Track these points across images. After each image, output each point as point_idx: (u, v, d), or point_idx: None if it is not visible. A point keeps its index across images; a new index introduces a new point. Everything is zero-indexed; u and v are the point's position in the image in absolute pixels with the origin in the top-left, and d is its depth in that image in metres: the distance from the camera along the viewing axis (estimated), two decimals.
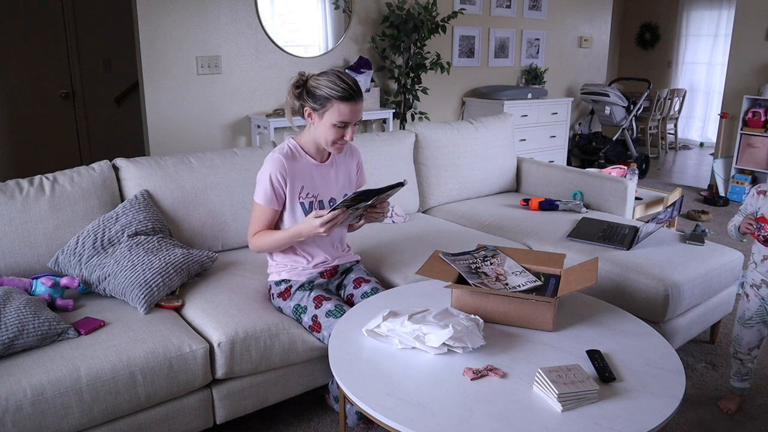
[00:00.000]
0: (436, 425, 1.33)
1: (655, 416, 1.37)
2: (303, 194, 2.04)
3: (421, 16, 4.60)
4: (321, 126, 1.94)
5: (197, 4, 3.93)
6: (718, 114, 5.68)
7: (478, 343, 1.62)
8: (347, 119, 1.91)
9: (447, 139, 3.29)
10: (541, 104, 5.62)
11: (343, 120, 1.91)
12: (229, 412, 1.95)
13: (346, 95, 1.88)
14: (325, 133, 1.94)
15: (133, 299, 1.96)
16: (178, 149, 3.98)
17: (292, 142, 2.06)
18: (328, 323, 1.93)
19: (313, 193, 2.06)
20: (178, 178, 2.41)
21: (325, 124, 1.93)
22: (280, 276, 2.10)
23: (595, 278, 1.75)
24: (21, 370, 1.63)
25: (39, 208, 2.11)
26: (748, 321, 2.21)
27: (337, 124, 1.91)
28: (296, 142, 2.06)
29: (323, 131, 1.95)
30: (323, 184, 2.08)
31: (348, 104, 1.89)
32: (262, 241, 2.02)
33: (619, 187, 3.21)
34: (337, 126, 1.92)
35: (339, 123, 1.91)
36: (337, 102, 1.88)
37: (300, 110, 1.98)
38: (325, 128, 1.94)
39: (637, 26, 8.54)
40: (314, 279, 2.11)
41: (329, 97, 1.89)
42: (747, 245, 4.12)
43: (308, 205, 2.05)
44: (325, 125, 1.93)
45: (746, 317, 2.22)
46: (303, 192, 2.04)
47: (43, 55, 4.55)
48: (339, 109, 1.89)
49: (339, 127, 1.92)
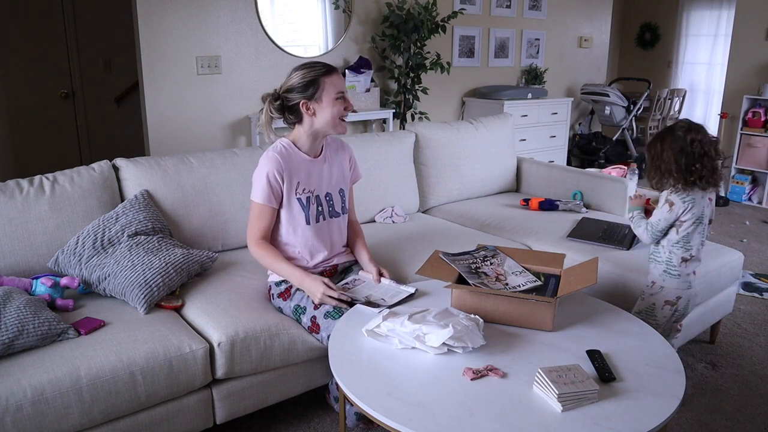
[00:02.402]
0: (436, 425, 1.33)
1: (655, 416, 1.37)
2: (299, 190, 2.06)
3: (421, 16, 4.60)
4: (325, 108, 1.99)
5: (197, 4, 3.93)
6: (718, 114, 5.68)
7: (478, 342, 1.62)
8: (341, 88, 2.01)
9: (447, 139, 3.29)
10: (541, 104, 5.61)
11: (339, 90, 1.99)
12: (229, 412, 1.95)
13: (327, 69, 2.01)
14: (332, 111, 2.00)
15: (133, 299, 1.96)
16: (178, 149, 3.98)
17: (284, 141, 2.08)
18: (326, 324, 1.93)
19: (309, 189, 2.08)
20: (178, 178, 2.41)
21: (327, 102, 1.98)
22: (280, 276, 2.10)
23: (595, 278, 1.75)
24: (21, 370, 1.63)
25: (39, 208, 2.11)
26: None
27: (337, 96, 1.99)
28: (288, 140, 2.08)
29: (329, 111, 1.99)
30: (318, 179, 2.11)
31: (333, 75, 2.00)
32: (264, 258, 2.05)
33: (619, 187, 3.21)
34: (338, 98, 1.99)
35: (338, 94, 1.99)
36: (325, 77, 1.98)
37: (286, 116, 2.05)
38: (329, 107, 1.99)
39: (637, 26, 8.54)
40: None
41: (316, 78, 1.97)
42: (746, 245, 4.13)
43: (305, 200, 2.06)
44: (328, 104, 1.99)
45: None
46: (299, 188, 2.06)
47: (43, 55, 4.55)
48: (331, 81, 1.99)
49: (340, 98, 2.00)
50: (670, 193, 2.06)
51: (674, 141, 2.01)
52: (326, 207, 2.13)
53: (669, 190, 2.07)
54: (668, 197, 2.06)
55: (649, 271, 2.21)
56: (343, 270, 2.22)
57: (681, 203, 2.04)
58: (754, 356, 2.69)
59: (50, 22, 4.54)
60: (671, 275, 2.13)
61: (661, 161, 2.03)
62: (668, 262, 2.13)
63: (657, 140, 2.07)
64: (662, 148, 2.04)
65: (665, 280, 2.14)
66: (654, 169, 2.07)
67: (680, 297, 2.14)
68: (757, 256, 3.95)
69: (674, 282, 2.13)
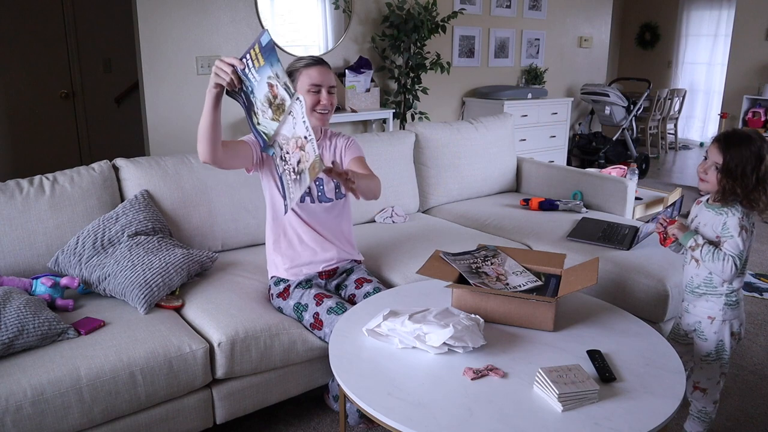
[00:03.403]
0: (436, 425, 1.33)
1: (655, 416, 1.37)
2: None
3: (421, 16, 4.60)
4: None
5: (197, 4, 3.93)
6: (718, 114, 5.69)
7: (479, 342, 1.62)
8: (317, 81, 1.99)
9: (447, 139, 3.29)
10: (541, 104, 5.62)
11: (313, 83, 1.99)
12: (229, 412, 1.95)
13: (310, 62, 2.02)
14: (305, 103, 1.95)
15: (133, 299, 1.96)
16: (178, 149, 3.97)
17: None
18: (329, 320, 1.93)
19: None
20: (178, 178, 2.41)
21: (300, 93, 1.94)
22: (279, 274, 2.10)
23: (596, 278, 1.74)
24: (21, 370, 1.63)
25: (39, 208, 2.11)
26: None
27: (310, 89, 1.99)
28: None
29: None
30: None
31: (313, 68, 2.00)
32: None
33: (619, 187, 3.21)
34: (311, 91, 1.99)
35: (311, 87, 1.98)
36: (303, 69, 2.00)
37: None
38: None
39: (637, 26, 8.54)
40: (312, 278, 2.11)
41: (296, 69, 2.00)
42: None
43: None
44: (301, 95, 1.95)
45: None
46: None
47: (43, 55, 4.55)
48: (308, 74, 1.99)
49: (313, 92, 1.99)
50: (742, 214, 1.79)
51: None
52: (315, 189, 2.10)
53: (740, 211, 1.79)
54: (742, 222, 1.78)
55: (700, 306, 1.90)
56: (344, 271, 2.21)
57: (750, 226, 1.80)
58: (754, 356, 2.69)
59: (50, 22, 4.54)
60: (731, 306, 1.87)
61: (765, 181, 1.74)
62: (729, 293, 1.85)
63: (762, 150, 1.75)
64: (766, 164, 1.74)
65: (726, 312, 1.87)
66: (763, 189, 1.76)
67: (741, 323, 1.91)
68: (757, 256, 3.95)
69: (735, 312, 1.88)
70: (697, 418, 2.02)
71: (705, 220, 1.87)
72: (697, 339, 1.94)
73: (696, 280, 1.90)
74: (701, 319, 1.91)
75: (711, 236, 1.84)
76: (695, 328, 1.94)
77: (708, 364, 1.93)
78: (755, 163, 1.74)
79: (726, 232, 1.80)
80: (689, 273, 1.93)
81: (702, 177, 1.85)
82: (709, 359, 1.92)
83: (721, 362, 1.92)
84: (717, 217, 1.83)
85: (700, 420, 2.01)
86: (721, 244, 1.81)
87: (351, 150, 2.16)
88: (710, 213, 1.86)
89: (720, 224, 1.81)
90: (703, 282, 1.88)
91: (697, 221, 1.92)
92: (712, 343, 1.90)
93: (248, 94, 1.71)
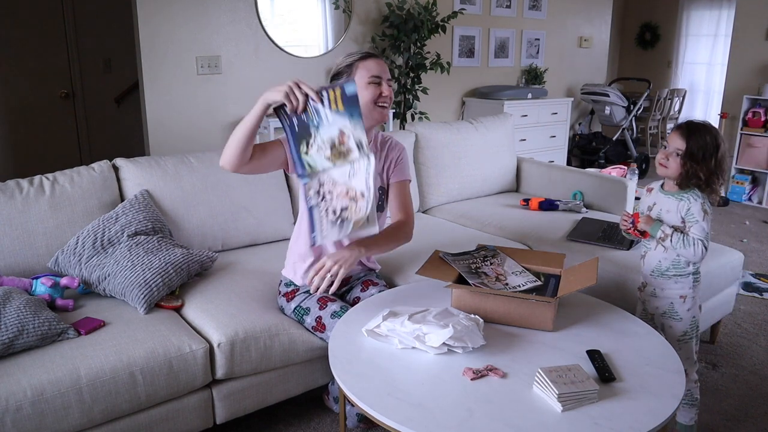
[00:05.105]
0: (436, 425, 1.33)
1: (655, 416, 1.37)
2: None
3: (421, 16, 4.60)
4: (359, 93, 1.88)
5: (197, 5, 3.93)
6: (718, 114, 5.68)
7: (479, 342, 1.62)
8: (377, 72, 1.94)
9: (447, 139, 3.29)
10: (541, 104, 5.61)
11: (373, 74, 1.94)
12: (229, 412, 1.95)
13: (365, 55, 1.97)
14: (364, 96, 1.92)
15: (133, 299, 1.96)
16: (178, 149, 3.97)
17: None
18: (332, 324, 1.91)
19: None
20: (178, 178, 2.41)
21: (360, 87, 1.88)
22: (294, 279, 2.06)
23: (595, 278, 1.74)
24: (21, 370, 1.63)
25: (39, 208, 2.11)
26: None
27: (370, 81, 1.94)
28: None
29: (362, 96, 1.89)
30: None
31: (371, 60, 1.96)
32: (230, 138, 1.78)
33: (619, 187, 3.21)
34: (371, 83, 1.94)
35: (371, 79, 1.93)
36: (359, 62, 1.95)
37: None
38: (362, 92, 1.90)
39: (637, 26, 8.53)
40: None
41: (351, 63, 1.95)
42: (746, 245, 4.13)
43: None
44: (361, 88, 1.90)
45: None
46: None
47: (43, 55, 4.55)
48: (365, 66, 1.94)
49: (375, 83, 1.94)
50: (702, 200, 1.90)
51: (723, 143, 1.88)
52: None
53: (700, 196, 1.90)
54: (704, 206, 1.89)
55: (670, 288, 1.99)
56: (356, 279, 2.15)
57: (709, 209, 1.91)
58: (754, 356, 2.69)
59: (50, 22, 4.54)
60: (698, 283, 1.99)
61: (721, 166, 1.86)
62: (695, 272, 1.98)
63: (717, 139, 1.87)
64: (722, 151, 1.86)
65: (695, 289, 1.99)
66: (720, 174, 1.88)
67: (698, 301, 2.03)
68: (757, 256, 3.95)
69: (699, 288, 2.00)
70: (685, 405, 2.06)
71: (667, 206, 1.95)
72: (670, 321, 2.01)
73: (665, 264, 1.98)
74: (673, 299, 1.99)
75: (676, 221, 1.93)
76: (666, 311, 2.01)
77: (685, 343, 2.00)
78: (713, 149, 1.86)
79: (691, 217, 1.90)
80: (655, 258, 2.00)
81: (663, 163, 1.93)
82: (686, 338, 2.00)
83: (696, 339, 2.02)
84: (679, 202, 1.92)
85: (688, 406, 2.05)
86: (687, 229, 1.91)
87: (398, 172, 2.10)
88: (671, 199, 1.94)
89: (684, 209, 1.91)
90: (672, 265, 1.97)
91: (657, 209, 1.98)
92: (687, 321, 2.00)
93: (308, 125, 1.72)
